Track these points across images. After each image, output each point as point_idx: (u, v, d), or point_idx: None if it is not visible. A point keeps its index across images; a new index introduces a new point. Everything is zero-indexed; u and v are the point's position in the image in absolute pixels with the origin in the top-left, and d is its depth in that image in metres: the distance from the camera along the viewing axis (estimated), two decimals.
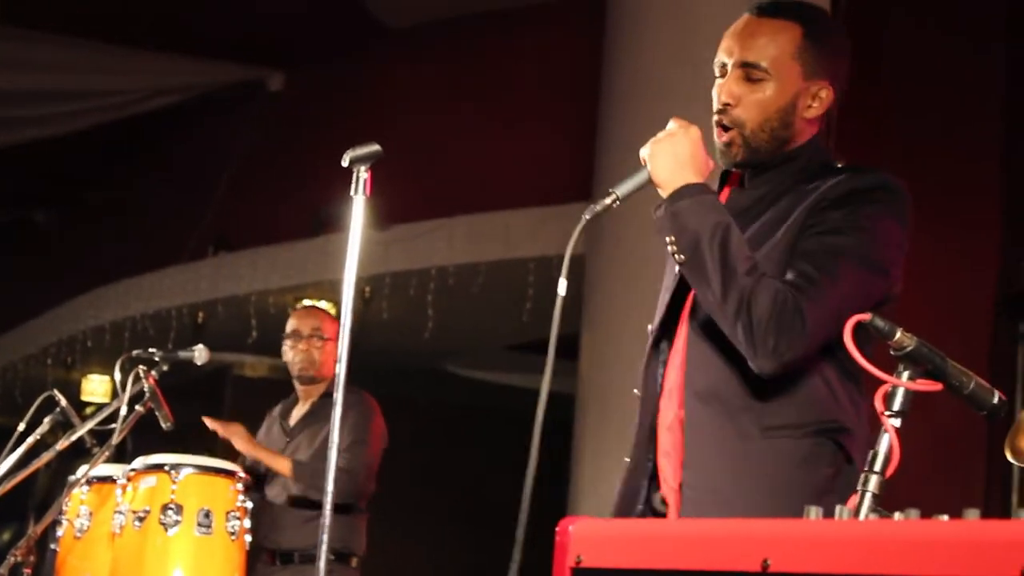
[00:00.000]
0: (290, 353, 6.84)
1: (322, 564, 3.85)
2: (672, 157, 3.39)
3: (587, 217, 3.36)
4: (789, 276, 3.30)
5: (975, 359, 7.72)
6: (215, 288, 11.25)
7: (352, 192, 4.00)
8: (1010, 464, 2.94)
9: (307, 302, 9.57)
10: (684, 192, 3.35)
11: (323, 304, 9.31)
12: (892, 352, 2.59)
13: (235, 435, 6.37)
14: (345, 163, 3.99)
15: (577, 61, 9.76)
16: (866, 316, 2.58)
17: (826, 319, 3.25)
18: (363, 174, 4.01)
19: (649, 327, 3.63)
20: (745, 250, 3.32)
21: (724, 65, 3.51)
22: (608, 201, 3.37)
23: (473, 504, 12.54)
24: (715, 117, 3.48)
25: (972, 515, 1.84)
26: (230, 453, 6.60)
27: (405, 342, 11.28)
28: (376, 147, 3.99)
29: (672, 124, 3.44)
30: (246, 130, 12.45)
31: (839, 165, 3.49)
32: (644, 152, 3.43)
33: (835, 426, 3.37)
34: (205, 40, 11.91)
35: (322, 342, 6.78)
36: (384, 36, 11.48)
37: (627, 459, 3.65)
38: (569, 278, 3.42)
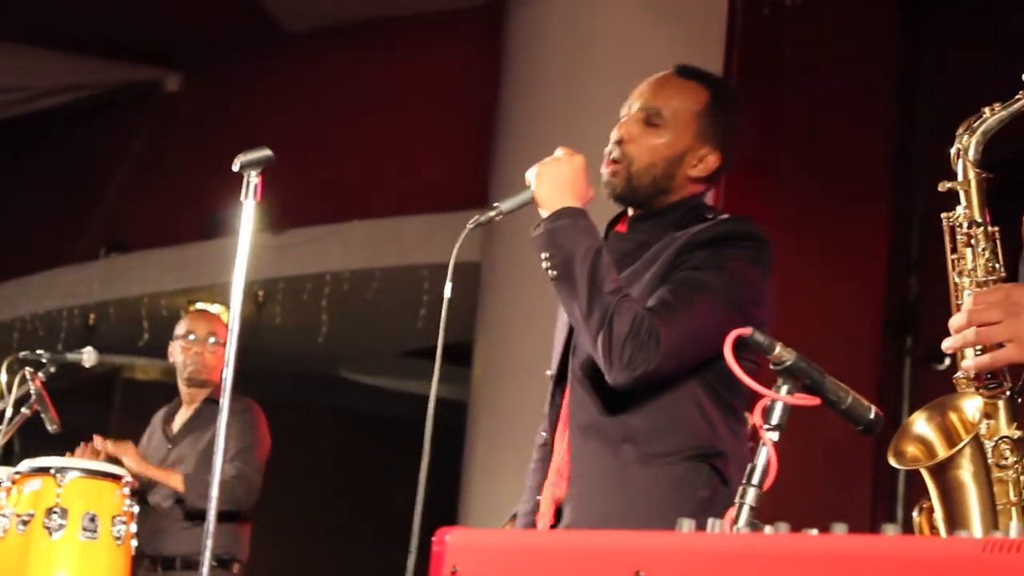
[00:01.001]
0: (181, 355, 6.81)
1: (205, 571, 3.85)
2: (555, 181, 3.58)
3: (470, 227, 3.51)
4: (650, 303, 3.49)
5: (864, 375, 7.86)
6: (107, 289, 11.17)
7: (243, 196, 4.00)
8: (897, 477, 2.99)
9: (200, 305, 9.55)
10: (563, 213, 3.54)
11: (216, 307, 9.28)
12: (772, 366, 2.62)
13: (125, 454, 6.33)
14: (236, 167, 3.99)
15: (474, 70, 9.80)
16: (747, 330, 2.60)
17: (680, 342, 3.46)
18: (254, 178, 4.01)
19: (548, 372, 3.79)
20: (613, 273, 3.52)
21: (631, 106, 3.75)
22: (491, 214, 3.56)
23: (365, 511, 12.54)
24: (608, 148, 3.69)
25: (840, 529, 1.87)
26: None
27: (299, 347, 11.26)
28: (267, 152, 3.99)
29: (559, 151, 3.64)
30: (141, 131, 12.37)
31: (709, 216, 3.70)
32: (530, 174, 3.61)
33: (710, 451, 3.54)
34: (101, 40, 11.82)
35: (215, 346, 6.76)
36: (283, 39, 11.45)
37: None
38: (464, 285, 3.57)
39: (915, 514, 2.70)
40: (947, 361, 2.72)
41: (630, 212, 3.78)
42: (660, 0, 8.53)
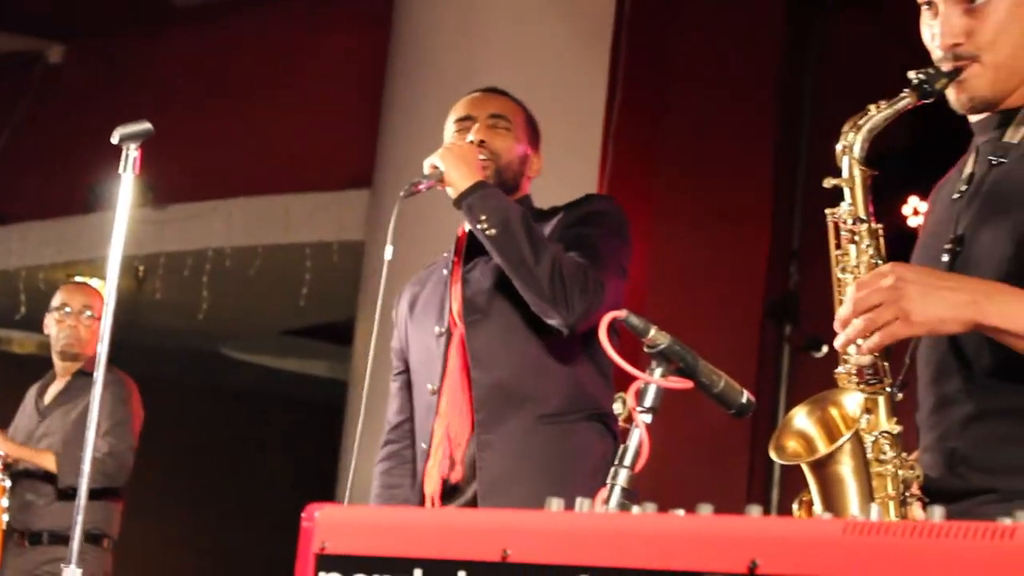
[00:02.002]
0: (56, 327, 6.77)
1: (75, 546, 3.82)
2: (462, 160, 3.98)
3: (404, 193, 3.97)
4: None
5: (745, 361, 7.93)
6: None
7: (121, 170, 3.97)
8: (772, 462, 3.05)
9: (79, 279, 9.43)
10: (482, 184, 3.93)
11: (96, 281, 9.19)
12: (646, 349, 2.64)
13: None
14: (115, 140, 3.97)
15: (362, 48, 9.77)
16: (622, 313, 2.63)
17: (613, 293, 3.85)
18: (133, 152, 3.99)
19: (437, 329, 4.12)
20: (537, 230, 3.89)
21: (469, 118, 4.16)
22: (414, 188, 4.00)
23: (242, 488, 12.48)
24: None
25: (705, 510, 1.88)
26: None
27: (179, 323, 11.19)
28: (147, 125, 3.98)
29: (455, 141, 4.11)
30: (21, 102, 12.22)
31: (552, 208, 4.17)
32: (434, 159, 3.99)
33: (603, 410, 3.86)
34: None
35: (91, 320, 6.72)
36: (170, 13, 11.34)
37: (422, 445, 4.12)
38: (347, 264, 3.77)
39: (795, 507, 2.73)
40: (824, 349, 2.76)
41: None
42: None
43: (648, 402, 2.60)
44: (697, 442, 7.06)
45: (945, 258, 2.72)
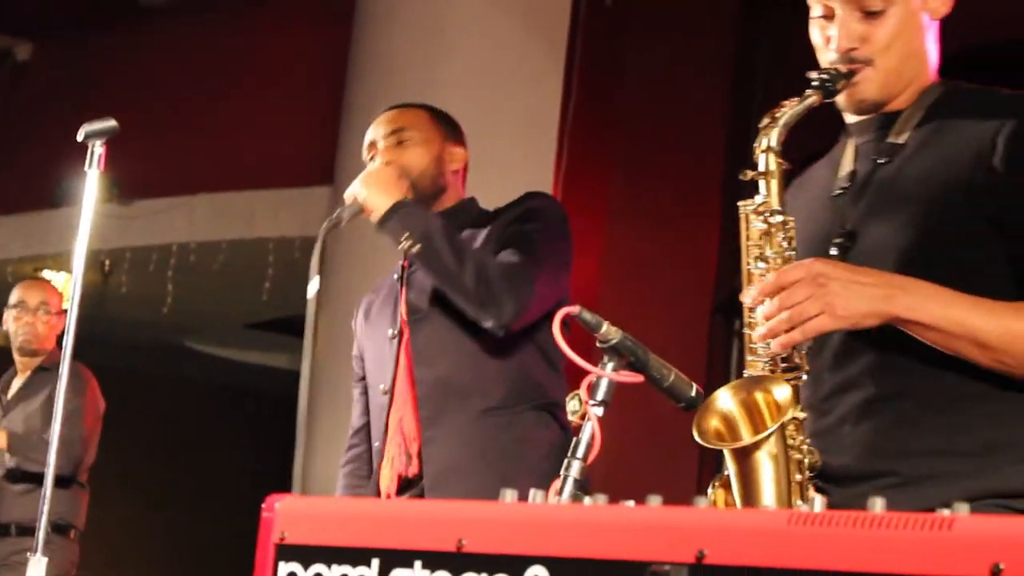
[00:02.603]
0: (14, 324, 6.75)
1: (41, 536, 3.81)
2: (381, 183, 3.96)
3: (324, 230, 3.87)
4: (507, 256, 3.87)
5: (694, 354, 7.94)
6: None
7: (87, 166, 3.97)
8: (721, 453, 3.05)
9: (46, 273, 9.41)
10: (402, 203, 3.90)
11: (62, 275, 9.15)
12: (598, 344, 2.64)
13: None
14: (80, 137, 3.97)
15: (325, 49, 9.75)
16: (575, 309, 2.64)
17: (542, 289, 3.83)
18: (99, 148, 3.98)
19: (390, 332, 4.13)
20: (460, 238, 3.89)
21: (373, 143, 4.16)
22: (334, 222, 3.93)
23: (205, 479, 12.46)
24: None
25: (655, 501, 1.89)
26: None
27: (145, 316, 11.15)
28: (112, 122, 3.97)
29: (375, 166, 4.07)
30: None
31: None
32: (353, 188, 3.98)
33: (547, 401, 3.89)
34: None
35: (48, 316, 6.71)
36: (136, 12, 11.30)
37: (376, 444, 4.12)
38: (305, 260, 3.78)
39: (710, 489, 2.74)
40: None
41: None
42: None
43: (600, 395, 2.61)
44: (648, 435, 7.05)
45: (833, 252, 2.75)
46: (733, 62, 8.57)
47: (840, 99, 2.83)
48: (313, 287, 3.83)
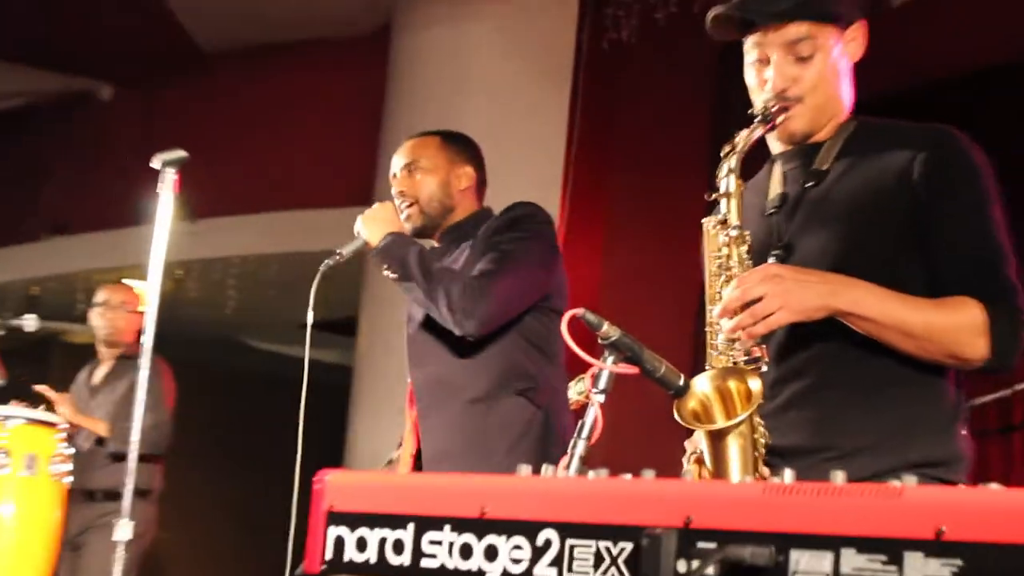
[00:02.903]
0: (99, 320, 6.80)
1: (127, 501, 3.84)
2: (376, 221, 4.01)
3: (323, 269, 4.00)
4: (474, 271, 3.84)
5: (682, 349, 7.91)
6: (48, 266, 11.02)
7: (162, 190, 3.99)
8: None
9: (127, 280, 9.41)
10: (388, 236, 3.94)
11: (139, 283, 9.17)
12: (600, 341, 2.64)
13: (63, 404, 6.30)
14: (156, 165, 3.99)
15: (364, 87, 9.75)
16: (579, 311, 2.63)
17: (506, 295, 3.79)
18: (171, 175, 4.01)
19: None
20: (432, 263, 3.89)
21: (394, 174, 4.18)
22: (336, 258, 4.04)
23: (262, 455, 12.47)
24: (396, 201, 4.14)
25: (648, 474, 1.90)
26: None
27: (210, 317, 11.17)
28: (183, 153, 4.00)
29: (376, 205, 4.08)
30: (79, 132, 12.21)
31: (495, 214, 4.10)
32: (357, 226, 4.04)
33: (524, 386, 3.84)
34: (46, 54, 11.64)
35: (127, 313, 6.76)
36: (201, 58, 11.32)
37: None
38: (351, 267, 3.80)
39: (685, 461, 2.75)
40: None
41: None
42: (519, 35, 8.54)
43: (601, 385, 2.61)
44: (642, 418, 7.02)
45: (771, 261, 2.78)
46: (712, 97, 8.56)
47: (779, 133, 2.88)
48: (310, 317, 3.96)
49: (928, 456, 2.64)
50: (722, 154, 2.83)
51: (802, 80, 2.81)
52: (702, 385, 2.65)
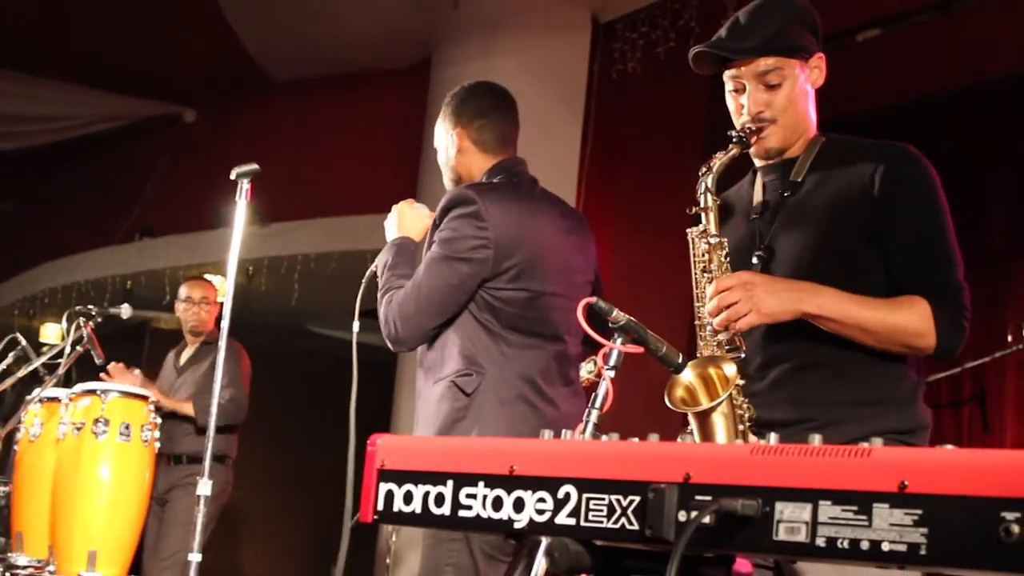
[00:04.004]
0: (185, 314, 6.82)
1: (207, 463, 3.85)
2: (392, 226, 3.75)
3: (367, 279, 3.63)
4: (400, 293, 3.55)
5: (678, 335, 7.91)
6: (140, 264, 11.05)
7: (237, 198, 3.99)
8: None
9: (207, 276, 9.44)
10: (391, 242, 3.68)
11: (218, 278, 9.19)
12: (610, 324, 2.64)
13: (152, 390, 6.34)
14: (232, 177, 3.99)
15: (407, 111, 9.76)
16: (592, 299, 2.63)
17: (415, 312, 3.48)
18: (246, 185, 4.01)
19: None
20: (401, 271, 3.58)
21: None
22: (373, 270, 3.66)
23: (323, 425, 12.50)
24: None
25: (653, 438, 1.90)
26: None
27: (277, 307, 11.19)
28: (255, 166, 4.00)
29: (402, 206, 3.77)
30: (166, 149, 12.26)
31: None
32: (387, 223, 3.80)
33: (464, 372, 3.48)
34: (138, 82, 11.71)
35: (208, 306, 6.78)
36: (270, 86, 11.37)
37: None
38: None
39: (680, 440, 2.75)
40: None
41: None
42: (540, 67, 8.53)
43: (612, 362, 2.61)
44: (646, 390, 7.03)
45: (755, 261, 2.83)
46: (705, 118, 8.56)
47: (752, 149, 2.91)
48: (356, 327, 3.55)
49: (895, 426, 2.66)
50: (700, 173, 2.87)
51: (773, 104, 2.85)
52: (686, 375, 2.66)
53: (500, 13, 8.66)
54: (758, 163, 2.98)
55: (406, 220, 3.75)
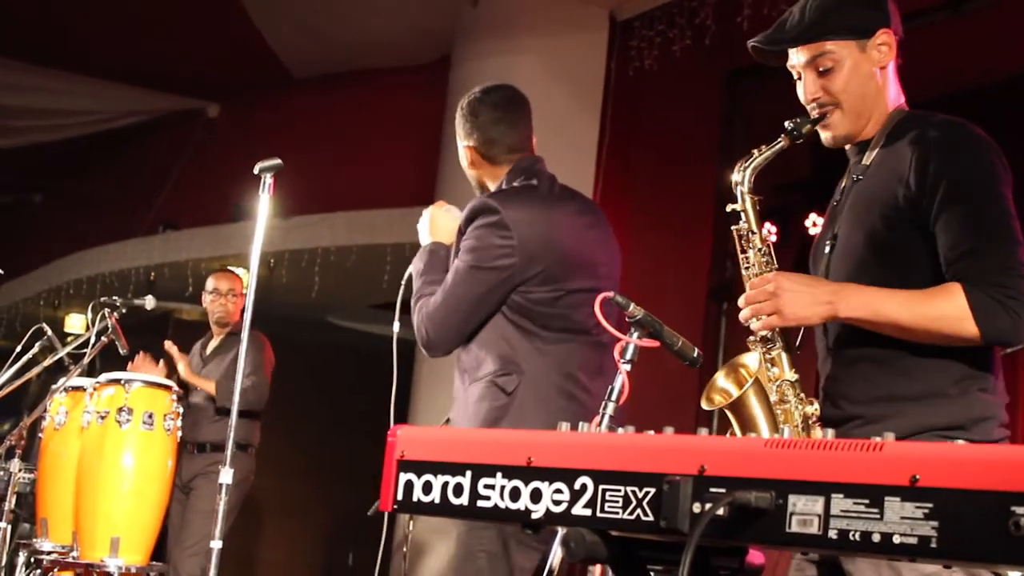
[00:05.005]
0: (212, 305, 6.83)
1: (229, 451, 3.86)
2: (423, 232, 3.76)
3: (406, 279, 3.68)
4: (431, 301, 3.58)
5: (694, 328, 7.93)
6: (163, 256, 11.07)
7: (260, 192, 4.00)
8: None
9: (229, 268, 9.47)
10: (421, 251, 3.72)
11: (240, 270, 9.21)
12: (627, 319, 2.65)
13: (181, 361, 6.35)
14: (256, 171, 3.99)
15: (426, 107, 9.77)
16: (609, 294, 2.64)
17: (446, 319, 3.52)
18: (268, 179, 4.01)
19: None
20: (433, 277, 3.61)
21: None
22: (407, 274, 3.70)
23: (343, 414, 12.53)
24: None
25: (669, 430, 1.90)
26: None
27: (298, 300, 11.21)
28: (278, 161, 4.00)
29: (435, 209, 3.80)
30: (190, 143, 12.29)
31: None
32: (420, 224, 3.82)
33: (501, 373, 3.50)
34: (162, 77, 11.74)
35: (235, 298, 6.79)
36: (292, 82, 11.39)
37: None
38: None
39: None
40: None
41: None
42: (558, 64, 8.54)
43: (628, 356, 2.61)
44: (662, 384, 7.04)
45: (827, 249, 2.77)
46: (719, 114, 8.55)
47: (823, 138, 2.81)
48: (396, 326, 3.65)
49: (937, 422, 2.55)
50: (736, 170, 2.78)
51: (829, 89, 2.75)
52: (720, 380, 2.69)
53: (519, 11, 8.66)
54: (847, 148, 2.85)
55: (438, 224, 3.76)
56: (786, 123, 2.76)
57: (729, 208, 2.78)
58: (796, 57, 2.80)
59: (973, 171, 2.58)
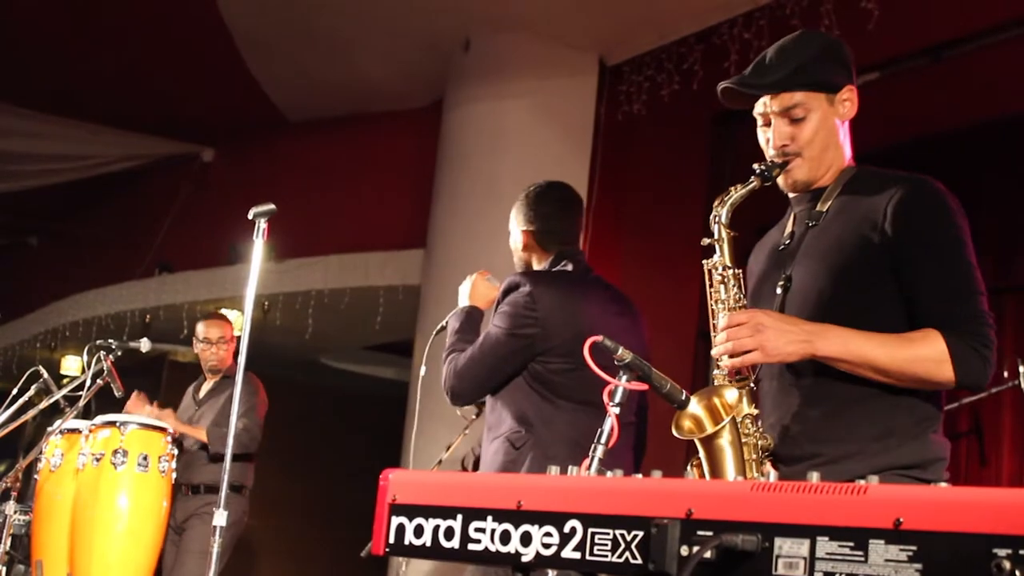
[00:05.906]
0: (204, 353, 6.82)
1: (223, 494, 3.85)
2: (465, 296, 4.16)
3: (436, 331, 4.14)
4: (463, 356, 3.96)
5: (683, 368, 7.91)
6: (159, 298, 11.07)
7: (254, 236, 4.02)
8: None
9: (224, 310, 9.47)
10: (458, 311, 4.12)
11: (235, 313, 9.20)
12: (616, 362, 2.65)
13: (167, 417, 6.33)
14: (250, 216, 4.02)
15: (419, 151, 9.80)
16: (599, 338, 2.64)
17: (472, 373, 3.90)
18: (262, 224, 4.04)
19: None
20: (466, 336, 4.01)
21: None
22: (440, 328, 4.15)
23: (335, 455, 12.49)
24: None
25: (656, 474, 1.90)
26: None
27: (292, 341, 11.20)
28: (272, 206, 4.03)
29: (477, 278, 4.18)
30: (185, 187, 12.30)
31: None
32: (461, 288, 4.19)
33: (513, 431, 3.89)
34: (158, 121, 11.76)
35: (226, 344, 6.79)
36: (285, 126, 11.41)
37: None
38: (410, 302, 3.82)
39: (689, 468, 2.74)
40: None
41: None
42: (548, 109, 8.58)
43: (617, 399, 2.61)
44: (650, 427, 7.03)
45: (778, 291, 2.81)
46: (706, 157, 8.58)
47: (780, 181, 2.88)
48: (423, 371, 4.14)
49: (898, 461, 2.61)
50: (715, 205, 2.84)
51: (798, 138, 2.82)
52: (693, 405, 2.67)
53: (510, 56, 8.70)
54: (791, 195, 2.94)
55: (479, 290, 4.15)
56: (755, 165, 2.84)
57: (705, 242, 2.82)
58: (769, 105, 2.85)
59: (948, 229, 2.67)
